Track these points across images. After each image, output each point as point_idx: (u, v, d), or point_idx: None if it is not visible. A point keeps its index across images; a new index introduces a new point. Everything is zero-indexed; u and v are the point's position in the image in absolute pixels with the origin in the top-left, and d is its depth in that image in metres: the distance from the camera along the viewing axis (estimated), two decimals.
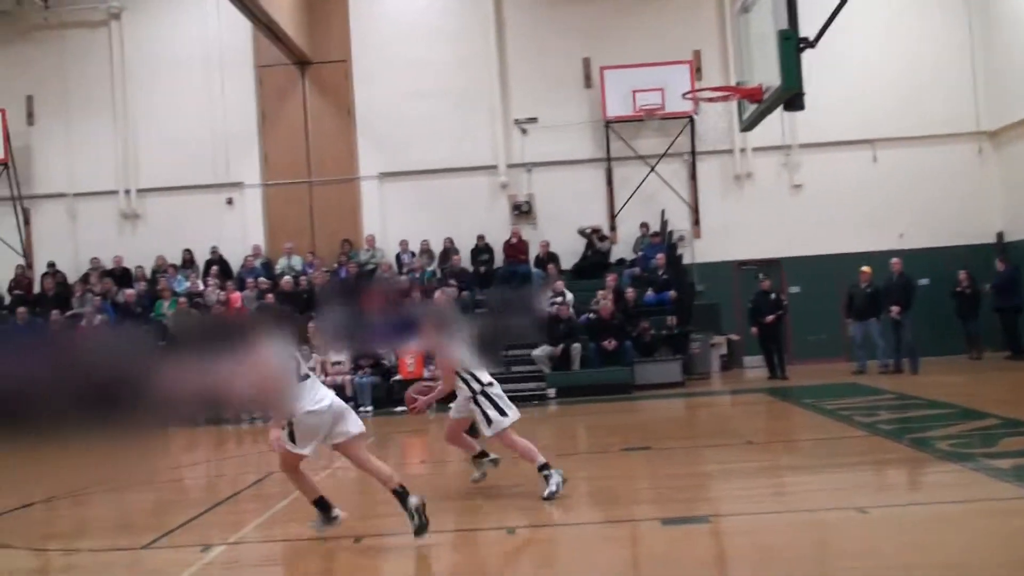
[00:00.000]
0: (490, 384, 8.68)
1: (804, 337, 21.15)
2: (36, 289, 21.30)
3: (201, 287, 20.31)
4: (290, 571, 7.14)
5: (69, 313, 19.52)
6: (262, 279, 20.31)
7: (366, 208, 22.33)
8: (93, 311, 19.26)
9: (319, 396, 7.09)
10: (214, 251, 21.54)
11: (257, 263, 21.23)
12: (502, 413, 8.61)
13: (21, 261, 22.00)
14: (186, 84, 22.12)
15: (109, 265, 21.50)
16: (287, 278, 20.32)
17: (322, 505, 7.51)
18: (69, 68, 22.38)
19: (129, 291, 20.24)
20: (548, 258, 20.96)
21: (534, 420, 15.62)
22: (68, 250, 22.07)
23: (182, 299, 19.61)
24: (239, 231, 22.03)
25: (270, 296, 19.26)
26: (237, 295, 19.85)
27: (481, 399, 8.64)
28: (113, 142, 22.27)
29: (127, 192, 22.32)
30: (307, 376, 7.15)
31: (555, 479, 8.59)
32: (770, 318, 18.79)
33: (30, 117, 22.36)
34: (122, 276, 21.15)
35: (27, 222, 22.46)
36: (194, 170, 21.99)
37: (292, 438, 7.06)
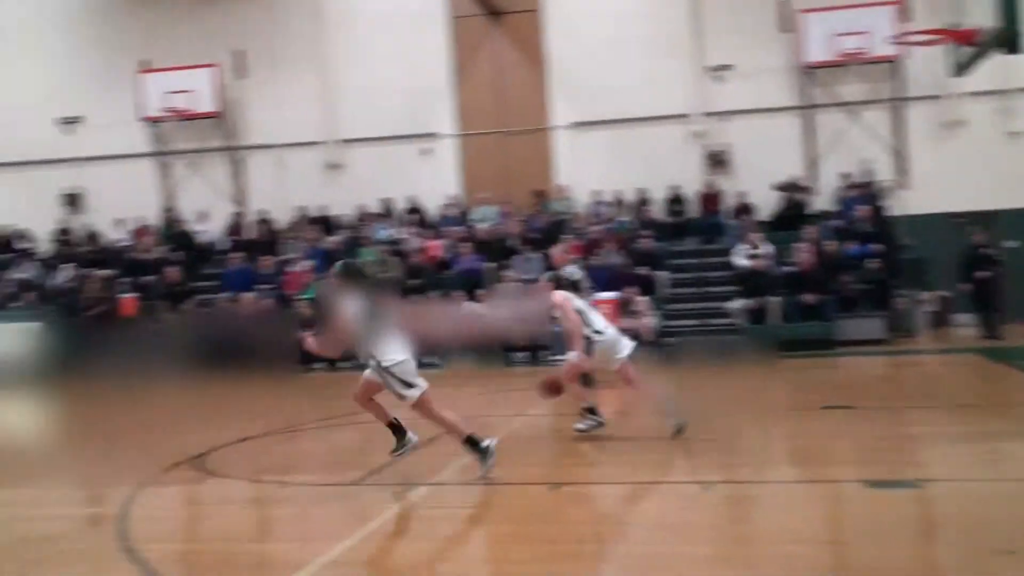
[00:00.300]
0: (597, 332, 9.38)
1: (1021, 295, 19.90)
2: (249, 235, 22.45)
3: (400, 236, 20.91)
4: (491, 514, 7.32)
5: (279, 259, 20.51)
6: (458, 227, 20.73)
7: (559, 158, 22.38)
8: (301, 257, 20.16)
9: (402, 345, 7.76)
10: (412, 200, 22.12)
11: (453, 212, 21.67)
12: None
13: (235, 208, 23.22)
14: (385, 36, 22.64)
15: (315, 213, 22.41)
16: (483, 227, 20.67)
17: (472, 441, 7.84)
18: (276, 23, 23.29)
19: (333, 239, 21.07)
20: (743, 209, 20.48)
21: (731, 375, 15.40)
22: (277, 198, 23.08)
23: (382, 247, 20.24)
24: (436, 181, 22.50)
25: (467, 244, 19.65)
26: (435, 243, 20.35)
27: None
28: (318, 94, 23.10)
29: (331, 143, 23.14)
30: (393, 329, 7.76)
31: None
32: (983, 274, 17.76)
33: (241, 71, 23.41)
34: (326, 224, 22.02)
35: (239, 172, 23.66)
36: (393, 121, 22.58)
37: (407, 385, 7.64)
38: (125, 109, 23.14)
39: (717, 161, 21.47)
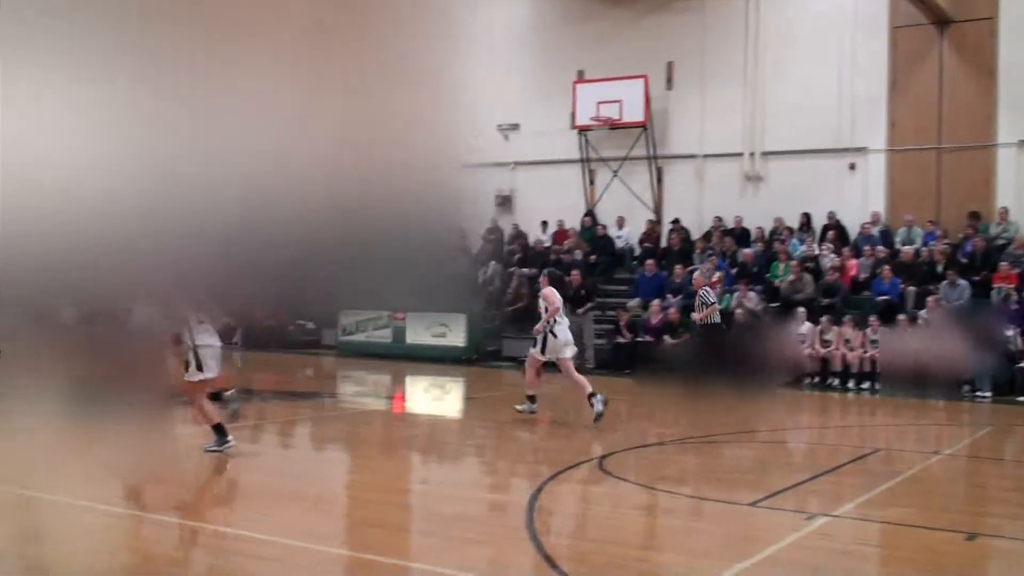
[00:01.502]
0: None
1: None
2: (663, 243, 22.84)
3: (816, 252, 20.26)
4: (895, 559, 6.85)
5: (690, 268, 20.64)
6: (879, 247, 19.71)
7: (1001, 178, 20.52)
8: (710, 269, 20.14)
9: None
10: (831, 216, 21.30)
11: (875, 231, 20.59)
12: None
13: (652, 216, 23.71)
14: (817, 48, 21.96)
15: (730, 224, 22.31)
16: (907, 248, 19.50)
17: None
18: (707, 35, 23.38)
19: (747, 251, 20.85)
20: None
21: None
22: (693, 208, 23.26)
23: (795, 263, 19.68)
24: (859, 197, 21.51)
25: (887, 266, 18.59)
26: (853, 262, 19.50)
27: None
28: (742, 106, 22.89)
29: (751, 155, 22.89)
30: None
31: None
32: None
33: (669, 82, 23.80)
34: (741, 236, 21.83)
35: (659, 180, 24.08)
36: (818, 134, 21.86)
37: None
38: (559, 117, 24.38)
39: None
